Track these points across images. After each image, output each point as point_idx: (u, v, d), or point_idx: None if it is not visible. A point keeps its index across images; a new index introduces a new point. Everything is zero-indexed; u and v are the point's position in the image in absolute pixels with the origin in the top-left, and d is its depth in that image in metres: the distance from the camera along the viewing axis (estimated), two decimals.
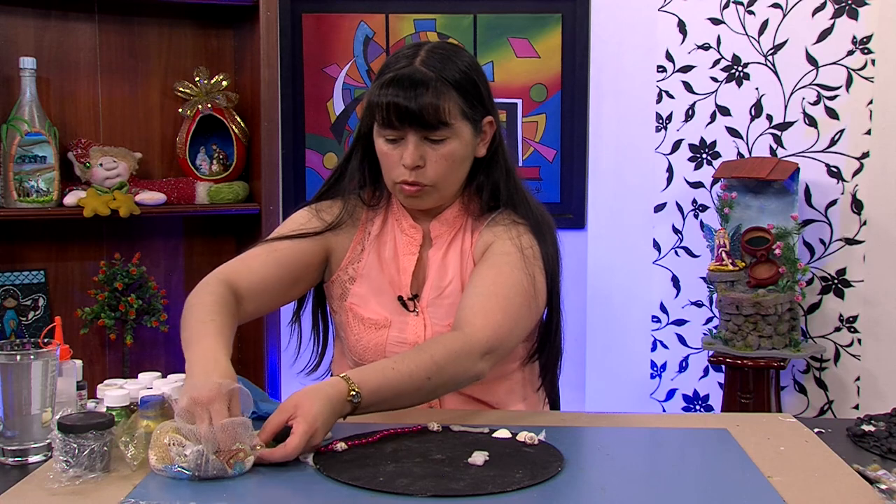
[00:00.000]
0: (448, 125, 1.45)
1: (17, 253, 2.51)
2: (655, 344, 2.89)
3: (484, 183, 1.57)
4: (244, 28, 2.65)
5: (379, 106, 1.45)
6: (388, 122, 1.45)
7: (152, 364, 2.61)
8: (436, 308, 1.53)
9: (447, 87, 1.45)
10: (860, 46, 2.65)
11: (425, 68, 1.45)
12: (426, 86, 1.44)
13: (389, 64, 1.49)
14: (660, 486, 1.17)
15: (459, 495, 1.09)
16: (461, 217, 1.58)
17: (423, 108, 1.43)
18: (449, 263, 1.56)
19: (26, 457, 1.23)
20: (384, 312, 1.54)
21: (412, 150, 1.45)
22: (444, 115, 1.44)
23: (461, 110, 1.47)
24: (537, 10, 2.85)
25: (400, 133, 1.46)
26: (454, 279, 1.54)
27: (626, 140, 2.86)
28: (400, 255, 1.57)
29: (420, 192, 1.50)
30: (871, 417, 1.43)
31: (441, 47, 1.51)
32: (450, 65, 1.47)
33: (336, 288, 1.59)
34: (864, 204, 2.67)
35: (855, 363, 2.72)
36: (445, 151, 1.47)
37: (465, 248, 1.57)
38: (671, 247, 2.86)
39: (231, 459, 1.14)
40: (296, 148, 2.90)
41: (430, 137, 1.46)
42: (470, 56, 1.54)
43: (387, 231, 1.59)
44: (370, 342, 1.53)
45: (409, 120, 1.44)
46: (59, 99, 2.52)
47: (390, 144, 1.48)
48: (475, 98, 1.50)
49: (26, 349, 1.24)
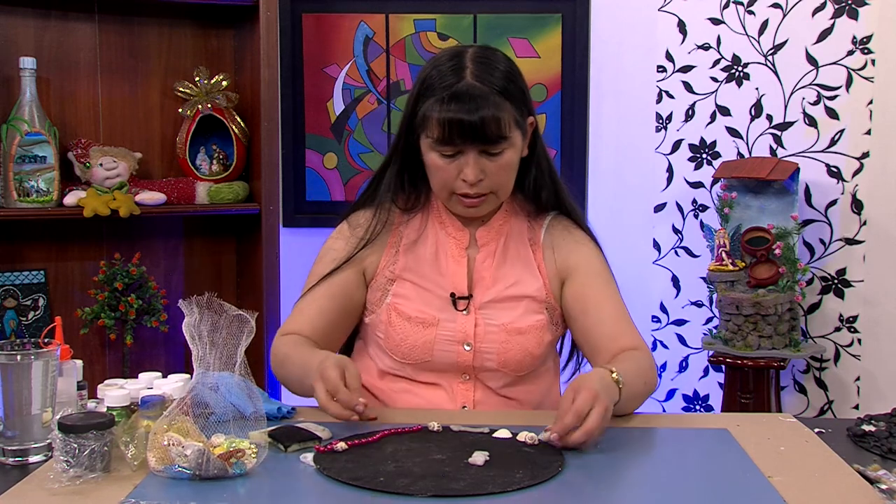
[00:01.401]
0: (507, 138, 1.47)
1: (17, 253, 2.51)
2: (655, 344, 2.89)
3: (540, 180, 1.61)
4: (244, 28, 2.65)
5: (440, 123, 1.45)
6: (449, 139, 1.46)
7: (152, 364, 2.61)
8: (489, 309, 1.56)
9: (502, 99, 1.46)
10: (860, 46, 2.65)
11: (478, 82, 1.46)
12: (486, 100, 1.44)
13: (432, 78, 1.49)
14: (660, 486, 1.17)
15: (459, 495, 1.09)
16: (507, 222, 1.62)
17: (485, 123, 1.44)
18: (507, 268, 1.59)
19: (26, 457, 1.23)
20: (431, 311, 1.56)
21: (473, 165, 1.47)
22: (504, 128, 1.46)
23: (515, 120, 1.49)
24: (537, 10, 2.85)
25: (458, 148, 1.47)
26: (513, 284, 1.58)
27: (626, 140, 2.86)
28: (445, 256, 1.59)
29: (481, 202, 1.52)
30: (871, 417, 1.43)
31: (483, 56, 1.51)
32: (497, 73, 1.48)
33: (374, 292, 1.60)
34: (864, 204, 2.67)
35: (855, 363, 2.72)
36: (503, 162, 1.49)
37: (525, 255, 1.60)
38: (671, 247, 2.86)
39: (231, 459, 1.14)
40: (296, 148, 2.90)
41: (488, 151, 1.47)
42: (506, 57, 1.54)
43: (426, 232, 1.61)
44: (418, 340, 1.54)
45: (471, 136, 1.45)
46: (59, 99, 2.52)
47: (446, 159, 1.49)
48: (522, 104, 1.51)
49: (26, 349, 1.24)
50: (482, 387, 1.57)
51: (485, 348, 1.54)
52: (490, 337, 1.54)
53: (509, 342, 1.54)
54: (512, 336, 1.54)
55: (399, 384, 1.60)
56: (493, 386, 1.57)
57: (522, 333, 1.55)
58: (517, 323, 1.55)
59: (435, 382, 1.57)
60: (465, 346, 1.54)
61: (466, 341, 1.54)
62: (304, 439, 1.27)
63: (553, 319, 1.60)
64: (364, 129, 2.90)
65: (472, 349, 1.54)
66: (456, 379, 1.57)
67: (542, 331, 1.57)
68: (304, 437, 1.28)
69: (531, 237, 1.62)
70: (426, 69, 1.52)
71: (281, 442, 1.26)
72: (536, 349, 1.56)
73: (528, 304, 1.57)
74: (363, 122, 2.90)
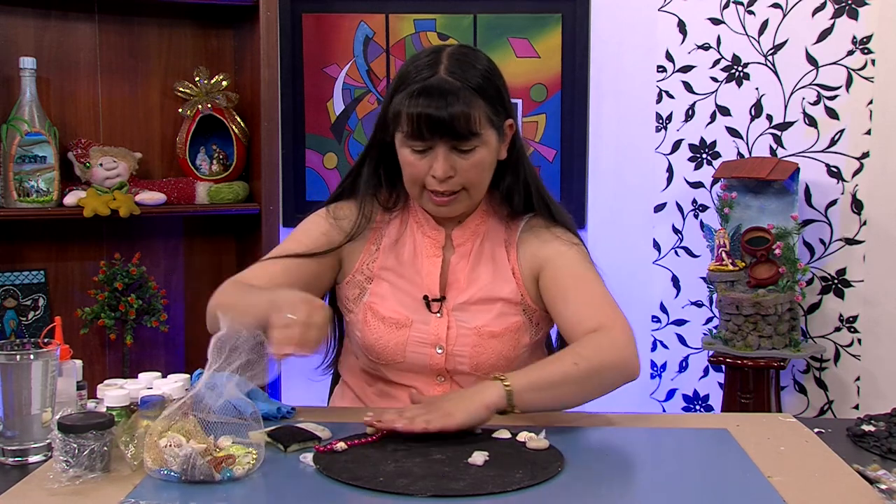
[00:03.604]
0: (478, 134, 1.45)
1: (17, 253, 2.51)
2: (655, 344, 2.89)
3: (513, 186, 1.57)
4: (244, 28, 2.65)
5: (409, 117, 1.44)
6: (419, 134, 1.44)
7: (152, 364, 2.61)
8: (462, 312, 1.54)
9: (475, 96, 1.44)
10: (860, 46, 2.65)
11: (451, 77, 1.44)
12: (456, 95, 1.43)
13: (410, 73, 1.48)
14: (660, 486, 1.17)
15: (459, 495, 1.09)
16: (484, 223, 1.59)
17: (454, 118, 1.42)
18: (481, 270, 1.57)
19: (26, 457, 1.23)
20: (405, 312, 1.55)
21: (442, 161, 1.45)
22: (474, 124, 1.44)
23: (488, 118, 1.47)
24: (537, 10, 2.85)
25: (428, 143, 1.45)
26: (487, 286, 1.55)
27: (626, 140, 2.86)
28: (421, 257, 1.57)
29: (451, 200, 1.50)
30: (871, 417, 1.43)
31: (460, 53, 1.50)
32: (472, 71, 1.46)
33: (352, 288, 1.59)
34: (864, 204, 2.67)
35: (855, 363, 2.72)
36: (475, 160, 1.47)
37: (500, 257, 1.57)
38: (671, 247, 2.86)
39: (221, 464, 1.14)
40: (296, 148, 2.90)
41: (459, 147, 1.45)
42: (487, 58, 1.53)
43: (406, 233, 1.60)
44: (391, 341, 1.53)
45: (440, 131, 1.43)
46: (59, 99, 2.52)
47: (417, 154, 1.47)
48: (499, 103, 1.49)
49: (26, 349, 1.24)
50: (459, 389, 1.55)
51: (457, 351, 1.53)
52: (462, 340, 1.53)
53: (482, 345, 1.53)
54: (485, 339, 1.53)
55: (377, 386, 1.60)
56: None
57: (496, 337, 1.53)
58: (491, 326, 1.54)
59: (410, 385, 1.56)
60: (437, 349, 1.53)
61: (439, 344, 1.53)
62: (303, 439, 1.27)
63: (533, 321, 1.58)
64: (364, 129, 2.90)
65: (445, 352, 1.53)
66: (431, 381, 1.56)
67: (519, 333, 1.55)
68: (303, 437, 1.28)
69: (507, 238, 1.59)
70: (404, 65, 1.52)
71: (281, 442, 1.26)
72: (512, 352, 1.54)
73: (503, 306, 1.55)
74: (363, 122, 2.90)
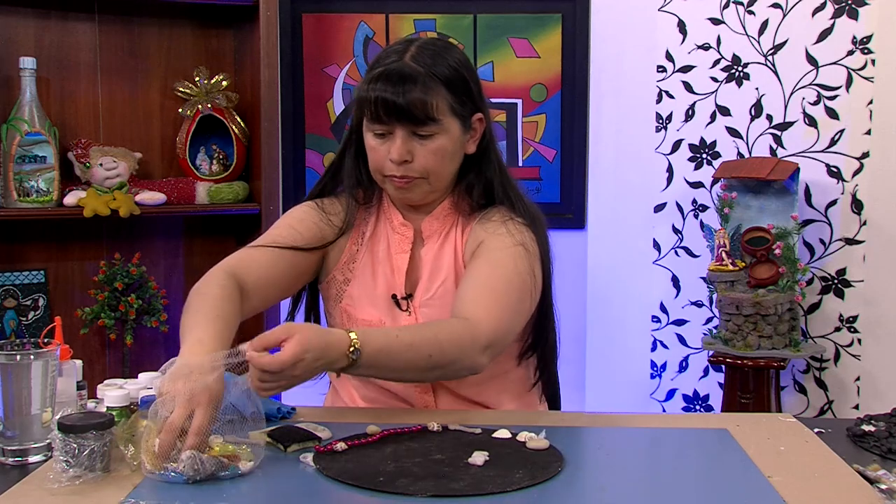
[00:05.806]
0: (436, 121, 1.45)
1: (17, 253, 2.51)
2: (655, 344, 2.89)
3: (474, 181, 1.56)
4: (244, 28, 2.65)
5: (367, 100, 1.45)
6: (377, 117, 1.45)
7: (152, 364, 2.58)
8: (428, 308, 1.53)
9: (436, 83, 1.45)
10: (860, 46, 2.65)
11: (414, 63, 1.45)
12: (414, 81, 1.43)
13: (379, 59, 1.49)
14: (660, 486, 1.17)
15: (459, 495, 1.09)
16: (452, 215, 1.57)
17: (410, 103, 1.43)
18: (442, 262, 1.55)
19: (26, 457, 1.23)
20: (377, 314, 1.54)
21: (399, 144, 1.45)
22: (431, 110, 1.44)
23: (450, 106, 1.47)
24: (537, 10, 2.85)
25: (388, 128, 1.46)
26: (447, 278, 1.54)
27: (626, 140, 2.86)
28: (393, 255, 1.56)
29: (409, 184, 1.49)
30: (871, 417, 1.43)
31: (432, 43, 1.51)
32: (440, 61, 1.47)
33: (331, 289, 1.59)
34: (864, 204, 2.67)
35: (855, 363, 2.72)
36: (433, 147, 1.47)
37: (458, 246, 1.56)
38: (671, 247, 2.86)
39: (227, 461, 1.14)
40: (296, 148, 2.90)
41: (417, 132, 1.46)
42: (461, 53, 1.53)
43: (379, 231, 1.59)
44: None
45: (396, 115, 1.44)
46: (59, 99, 2.52)
47: (378, 139, 1.48)
48: (465, 94, 1.49)
49: (26, 349, 1.24)
50: (443, 391, 1.54)
51: None
52: None
53: None
54: None
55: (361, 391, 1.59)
56: (454, 389, 1.54)
57: None
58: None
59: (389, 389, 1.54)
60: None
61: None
62: (303, 439, 1.27)
63: None
64: None
65: None
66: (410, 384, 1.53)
67: None
68: (303, 437, 1.28)
69: (465, 229, 1.57)
70: (378, 52, 1.54)
71: (281, 442, 1.26)
72: None
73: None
74: None
